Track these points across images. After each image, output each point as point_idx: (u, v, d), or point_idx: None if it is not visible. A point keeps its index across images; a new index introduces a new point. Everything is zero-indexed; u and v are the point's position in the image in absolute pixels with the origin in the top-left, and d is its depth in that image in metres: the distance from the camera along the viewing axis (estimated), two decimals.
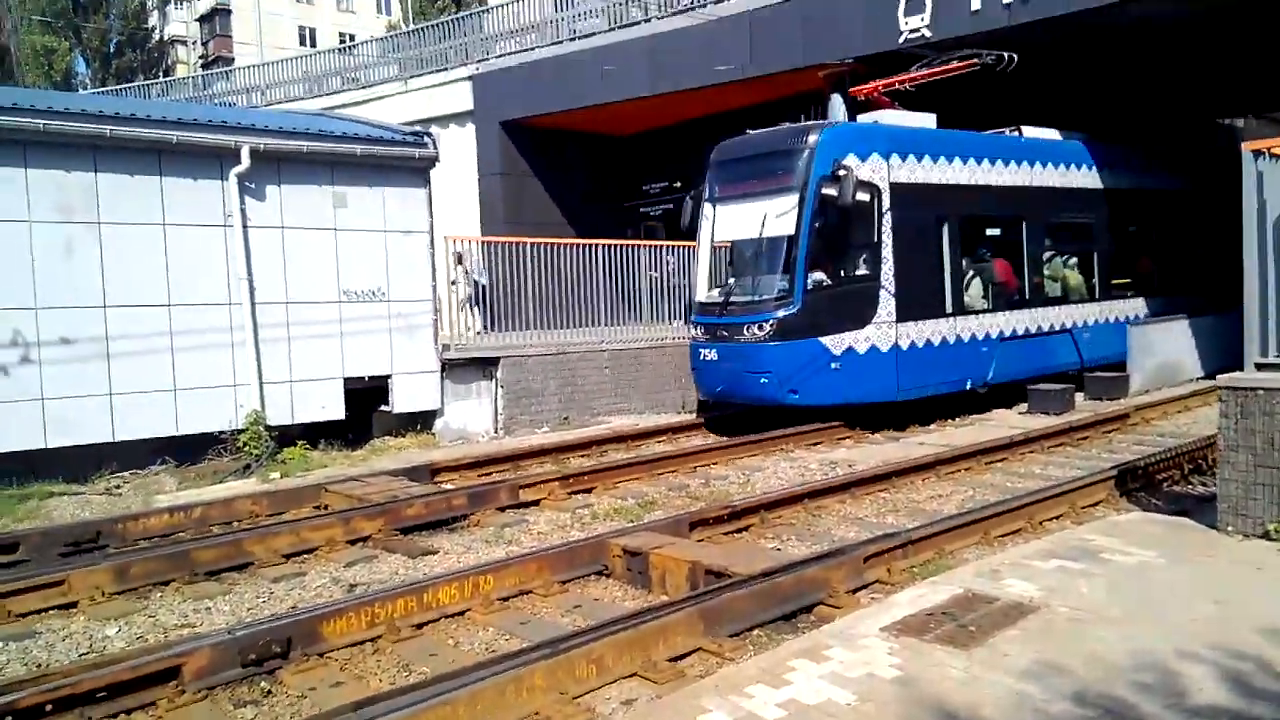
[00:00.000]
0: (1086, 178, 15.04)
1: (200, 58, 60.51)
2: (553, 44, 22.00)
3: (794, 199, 11.62)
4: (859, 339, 11.83)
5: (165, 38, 60.05)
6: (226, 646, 5.18)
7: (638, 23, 20.16)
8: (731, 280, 12.83)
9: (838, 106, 16.54)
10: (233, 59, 52.16)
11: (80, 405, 10.33)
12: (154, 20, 58.85)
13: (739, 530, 7.81)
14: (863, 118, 13.67)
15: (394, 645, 5.59)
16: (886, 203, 12.01)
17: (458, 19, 26.61)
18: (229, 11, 58.74)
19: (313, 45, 53.18)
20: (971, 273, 13.42)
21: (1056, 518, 7.63)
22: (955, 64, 14.34)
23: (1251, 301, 6.30)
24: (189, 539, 7.96)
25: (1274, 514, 5.96)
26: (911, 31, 15.23)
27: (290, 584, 6.90)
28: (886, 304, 12.02)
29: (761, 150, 12.54)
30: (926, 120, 13.61)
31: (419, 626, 5.81)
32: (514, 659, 4.79)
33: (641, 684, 4.84)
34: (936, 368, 12.57)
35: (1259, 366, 6.25)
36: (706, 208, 12.90)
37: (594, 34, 20.88)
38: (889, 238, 12.01)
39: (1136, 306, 16.01)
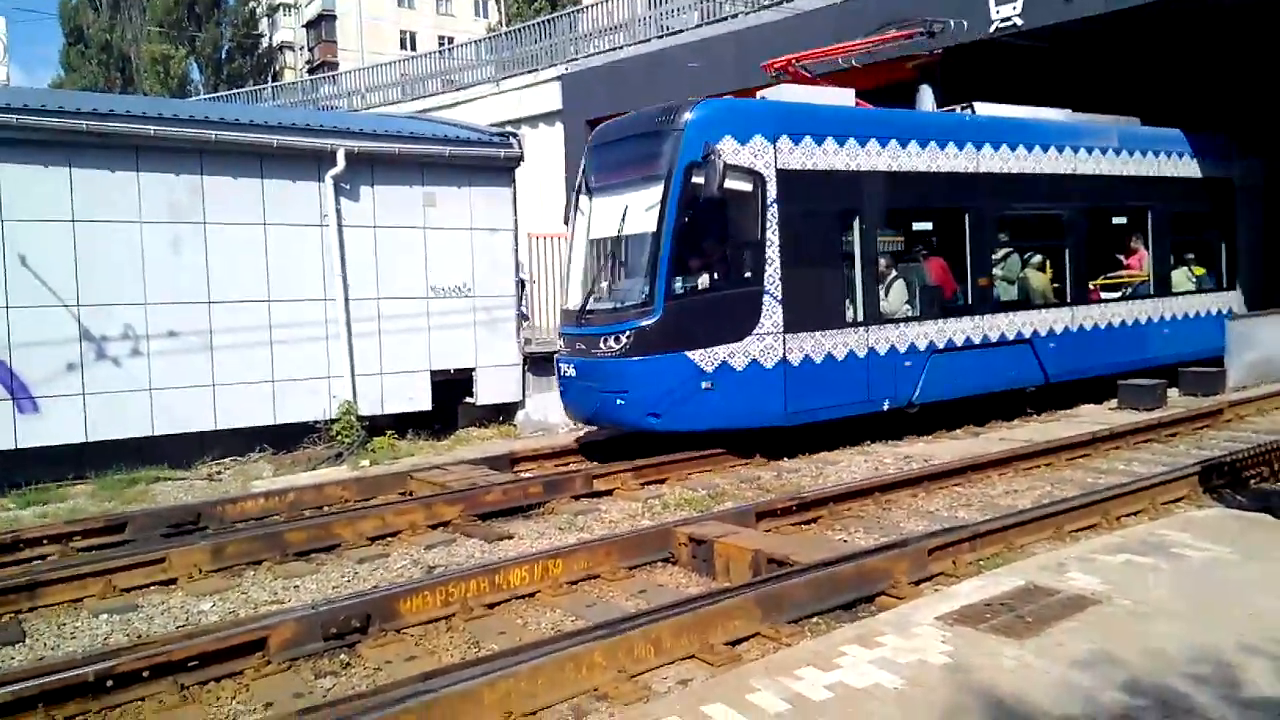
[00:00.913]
0: (1066, 162, 13.02)
1: (306, 63, 62.81)
2: (640, 42, 22.25)
3: (658, 189, 9.88)
4: (736, 353, 10.00)
5: (274, 44, 62.61)
6: (309, 621, 5.52)
7: (726, 18, 20.23)
8: (593, 285, 10.98)
9: (927, 98, 16.32)
10: (337, 64, 54.02)
11: (185, 396, 10.99)
12: (263, 27, 61.47)
13: (807, 522, 7.87)
14: (762, 93, 11.91)
15: (466, 623, 5.86)
16: (772, 193, 10.15)
17: (550, 19, 27.14)
18: (334, 17, 60.80)
19: (413, 49, 54.67)
20: (894, 275, 11.52)
21: (1135, 514, 7.48)
22: (892, 33, 13.95)
23: None
24: (281, 522, 8.42)
25: None
26: (1003, 20, 14.97)
27: (374, 565, 7.25)
28: (771, 312, 10.14)
29: (629, 133, 10.83)
30: (842, 97, 11.79)
31: (490, 606, 6.07)
32: (575, 637, 5.00)
33: (698, 665, 4.98)
34: (839, 386, 10.71)
35: None
36: (581, 200, 11.18)
37: (682, 30, 21.04)
38: (775, 234, 10.13)
39: (1130, 311, 13.92)
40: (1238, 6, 14.15)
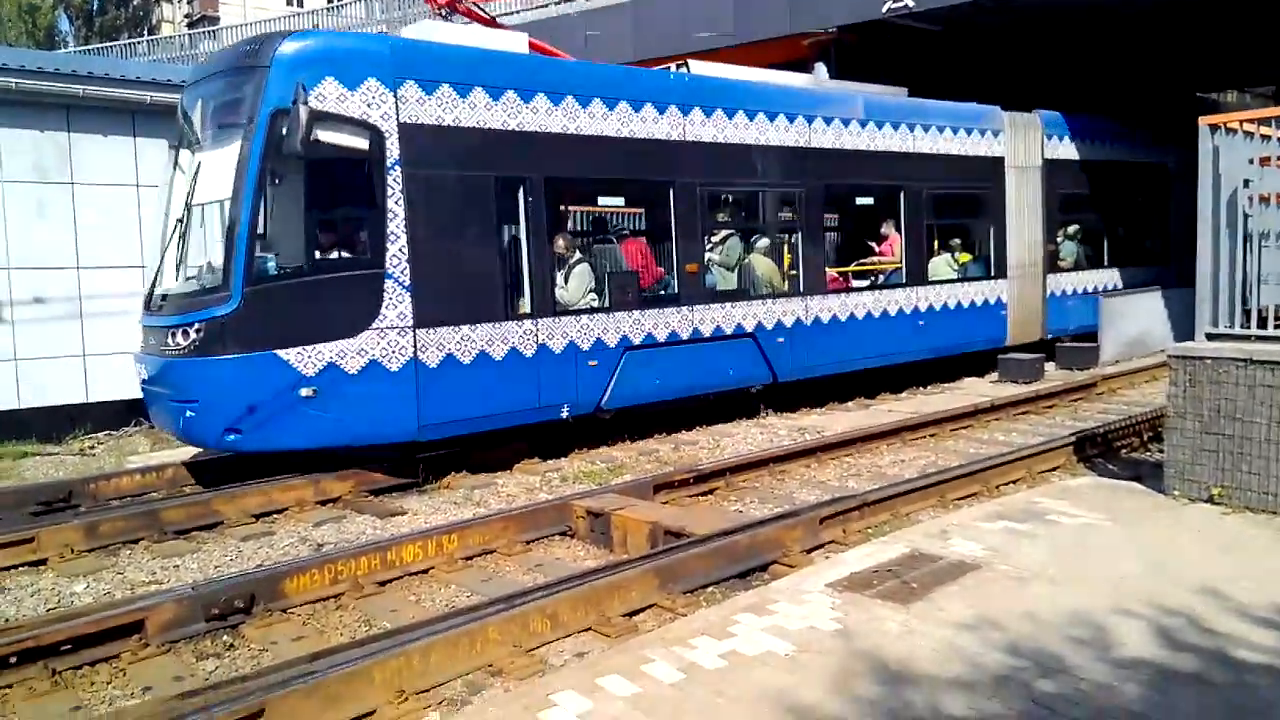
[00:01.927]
0: (798, 133, 11.42)
1: (185, 16, 59.68)
2: (538, 7, 21.84)
3: (236, 144, 7.85)
4: (348, 353, 7.98)
5: None
6: (190, 601, 5.31)
7: None
8: (169, 264, 8.58)
9: (822, 74, 16.56)
10: (218, 18, 51.48)
11: (54, 366, 10.38)
12: None
13: (704, 493, 7.94)
14: (405, 31, 10.09)
15: (357, 602, 5.73)
16: (395, 152, 8.15)
17: None
18: None
19: (300, 5, 52.49)
20: (577, 258, 9.82)
21: (1013, 483, 7.79)
22: None
23: (1204, 273, 6.42)
24: (159, 499, 8.06)
25: (1218, 479, 6.13)
26: (895, 1, 15.23)
27: (258, 543, 7.01)
28: (397, 301, 8.16)
29: (212, 71, 8.61)
30: (513, 43, 9.76)
31: (382, 584, 5.95)
32: (470, 613, 4.93)
33: (595, 638, 4.98)
34: (498, 391, 8.85)
35: (1209, 336, 6.39)
36: (172, 156, 8.94)
37: None
38: (400, 204, 8.17)
39: (880, 301, 12.51)
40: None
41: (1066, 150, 15.51)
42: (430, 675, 4.43)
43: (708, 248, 10.95)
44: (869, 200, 13.06)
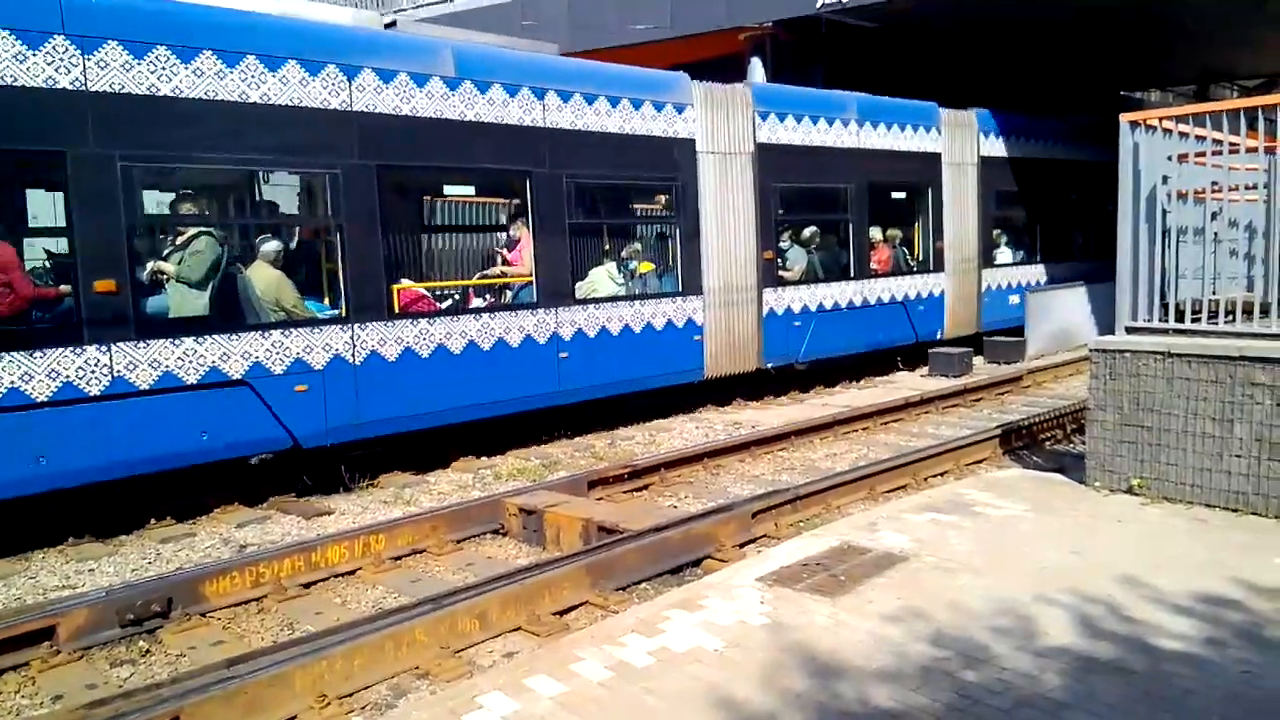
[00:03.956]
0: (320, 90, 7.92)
1: None
2: None
3: None
4: None
5: None
6: (104, 606, 5.13)
7: None
8: None
9: (757, 69, 16.64)
10: None
11: None
12: None
13: (639, 489, 7.92)
14: None
15: (279, 605, 5.58)
16: None
17: None
18: None
19: None
20: None
21: (941, 475, 7.91)
22: None
23: (1124, 268, 6.57)
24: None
25: (1137, 470, 6.28)
26: None
27: (179, 545, 6.81)
28: None
29: None
30: None
31: (306, 586, 5.81)
32: (396, 615, 4.82)
33: (526, 637, 4.92)
34: None
35: (1129, 330, 6.54)
36: None
37: None
38: None
39: (502, 325, 9.29)
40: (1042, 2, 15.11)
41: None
42: (354, 679, 4.33)
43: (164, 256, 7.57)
44: (467, 189, 10.65)
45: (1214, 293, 6.37)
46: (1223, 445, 5.88)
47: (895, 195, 14.34)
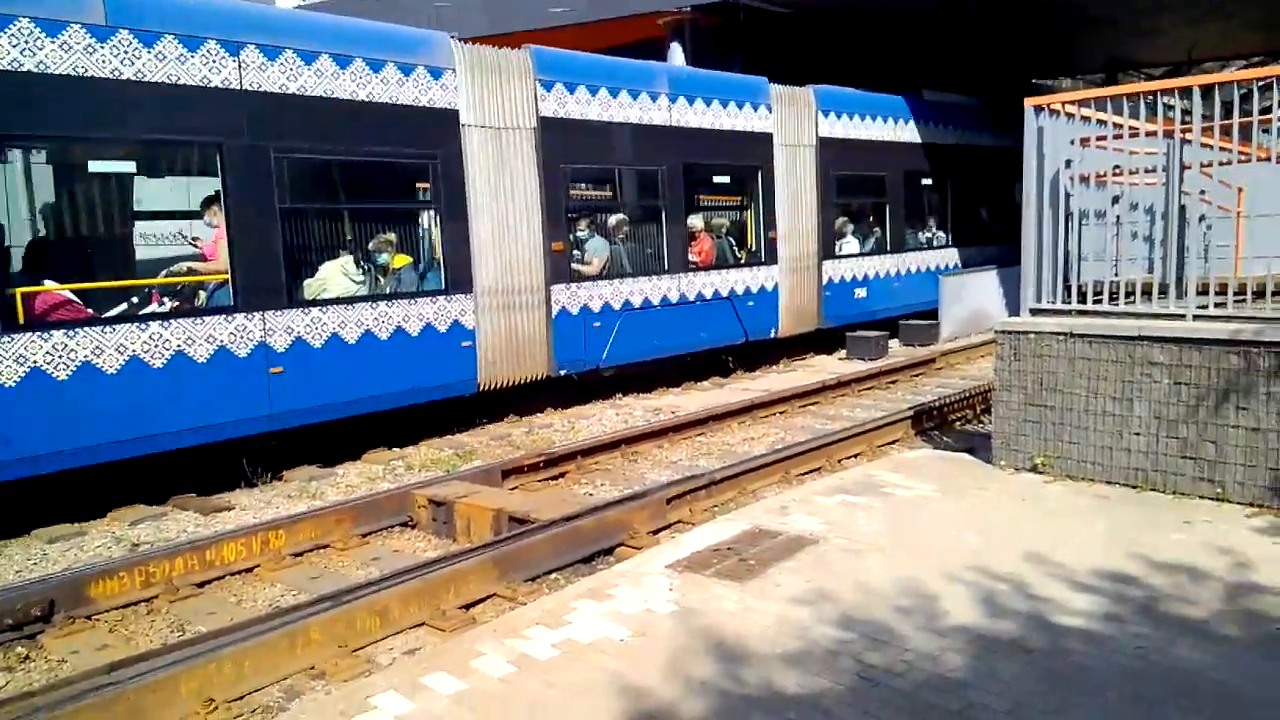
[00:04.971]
0: None
1: None
2: None
3: None
4: None
5: None
6: None
7: None
8: None
9: (676, 54, 16.56)
10: None
11: None
12: None
13: (555, 477, 7.81)
14: None
15: (171, 605, 5.35)
16: None
17: None
18: None
19: None
20: None
21: (855, 456, 7.96)
22: None
23: (1029, 251, 6.66)
24: None
25: (1041, 449, 6.38)
26: None
27: (67, 545, 6.49)
28: None
29: None
30: None
31: (200, 585, 5.58)
32: (291, 614, 4.63)
33: (429, 633, 4.78)
34: None
35: (1033, 312, 6.64)
36: None
37: None
38: None
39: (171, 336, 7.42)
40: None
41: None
42: (245, 681, 4.14)
43: None
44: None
45: (1116, 274, 6.50)
46: (1123, 424, 6.00)
47: (719, 180, 12.97)
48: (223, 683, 4.06)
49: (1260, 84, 5.89)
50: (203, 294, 7.99)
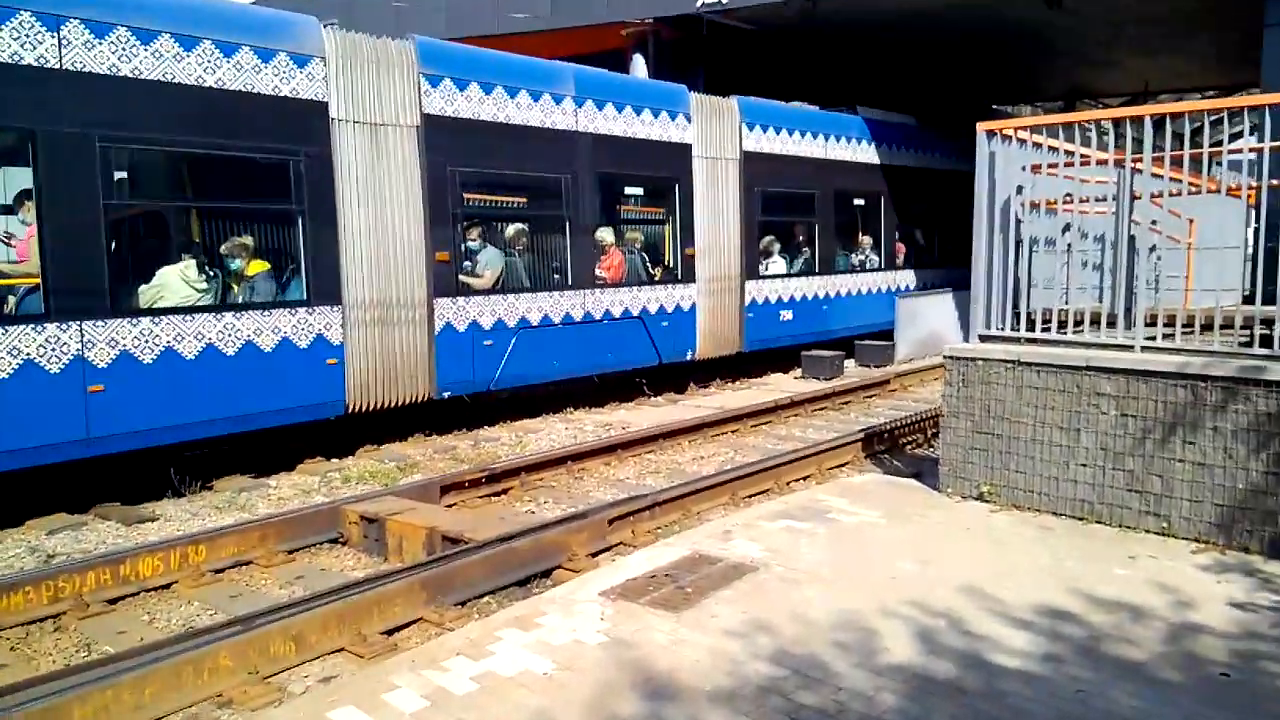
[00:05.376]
0: None
1: None
2: None
3: None
4: None
5: None
6: None
7: None
8: None
9: (639, 66, 16.49)
10: None
11: None
12: None
13: (498, 493, 7.61)
14: None
15: (80, 623, 5.08)
16: None
17: None
18: None
19: None
20: None
21: (804, 479, 7.84)
22: None
23: (979, 276, 6.60)
24: None
25: (988, 476, 6.30)
26: None
27: None
28: None
29: None
30: None
31: (113, 602, 5.31)
32: (199, 637, 4.39)
33: (348, 659, 4.57)
34: None
35: (982, 338, 6.57)
36: None
37: None
38: None
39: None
40: (918, 15, 15.40)
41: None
42: (145, 710, 3.91)
43: None
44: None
45: (1066, 303, 6.46)
46: (1069, 454, 5.94)
47: (633, 191, 12.33)
48: (121, 711, 3.83)
49: (1211, 117, 5.88)
50: (11, 299, 7.08)
